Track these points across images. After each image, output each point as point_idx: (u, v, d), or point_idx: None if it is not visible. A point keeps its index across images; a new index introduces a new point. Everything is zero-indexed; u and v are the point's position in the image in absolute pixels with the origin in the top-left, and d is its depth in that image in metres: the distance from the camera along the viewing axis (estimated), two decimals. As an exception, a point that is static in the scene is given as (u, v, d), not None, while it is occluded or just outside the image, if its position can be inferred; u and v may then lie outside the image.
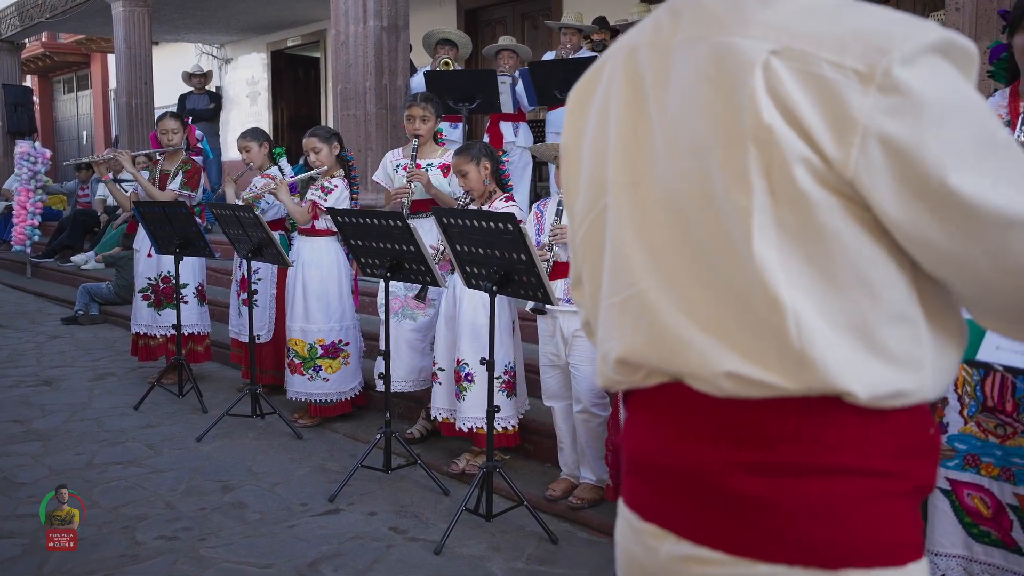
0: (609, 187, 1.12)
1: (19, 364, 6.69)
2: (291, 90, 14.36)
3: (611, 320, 1.13)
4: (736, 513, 0.99)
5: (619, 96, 1.11)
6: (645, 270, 1.07)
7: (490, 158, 4.18)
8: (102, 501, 3.99)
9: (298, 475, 4.37)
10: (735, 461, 0.99)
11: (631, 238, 1.09)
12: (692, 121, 1.00)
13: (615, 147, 1.10)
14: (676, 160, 1.03)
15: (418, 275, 4.02)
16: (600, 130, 1.14)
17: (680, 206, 1.03)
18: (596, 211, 1.16)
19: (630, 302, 1.09)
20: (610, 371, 1.14)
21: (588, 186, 1.17)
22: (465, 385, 4.16)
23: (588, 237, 1.20)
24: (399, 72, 6.93)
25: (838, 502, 0.96)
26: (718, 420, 1.01)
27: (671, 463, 1.06)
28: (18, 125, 13.55)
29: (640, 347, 1.08)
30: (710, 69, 0.98)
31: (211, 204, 5.41)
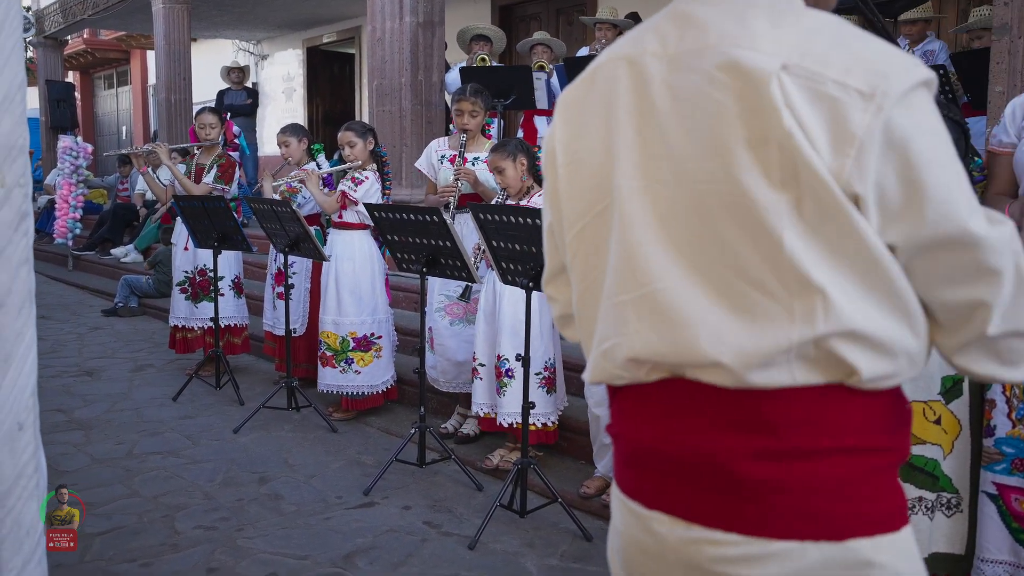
0: (615, 189, 1.17)
1: (61, 355, 6.79)
2: (326, 86, 14.43)
3: (617, 318, 1.17)
4: (748, 496, 1.07)
5: (624, 103, 1.16)
6: (665, 269, 1.12)
7: (526, 154, 4.16)
8: (142, 490, 4.03)
9: (333, 468, 4.38)
10: (744, 449, 1.07)
11: (647, 239, 1.13)
12: (709, 125, 1.07)
13: (622, 152, 1.16)
14: (695, 161, 1.09)
15: (454, 271, 4.01)
16: (602, 135, 1.19)
17: (703, 205, 1.09)
18: (595, 212, 1.21)
19: (644, 301, 1.14)
20: (614, 367, 1.19)
21: (587, 188, 1.22)
22: (505, 381, 4.14)
23: (583, 237, 1.24)
24: (434, 68, 6.93)
25: (844, 479, 1.06)
26: (725, 411, 1.08)
27: (676, 453, 1.13)
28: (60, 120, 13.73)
29: (656, 344, 1.13)
30: (722, 77, 1.06)
31: (249, 198, 5.46)
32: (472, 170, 4.67)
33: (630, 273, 1.15)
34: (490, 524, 3.58)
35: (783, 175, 1.02)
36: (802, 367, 1.05)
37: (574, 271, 1.28)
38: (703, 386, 1.10)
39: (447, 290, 4.70)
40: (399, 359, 5.35)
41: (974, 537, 2.43)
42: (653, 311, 1.13)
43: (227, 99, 11.44)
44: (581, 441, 4.30)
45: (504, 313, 4.15)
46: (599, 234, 1.21)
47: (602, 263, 1.21)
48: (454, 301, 4.67)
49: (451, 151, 4.86)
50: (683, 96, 1.10)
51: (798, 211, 1.03)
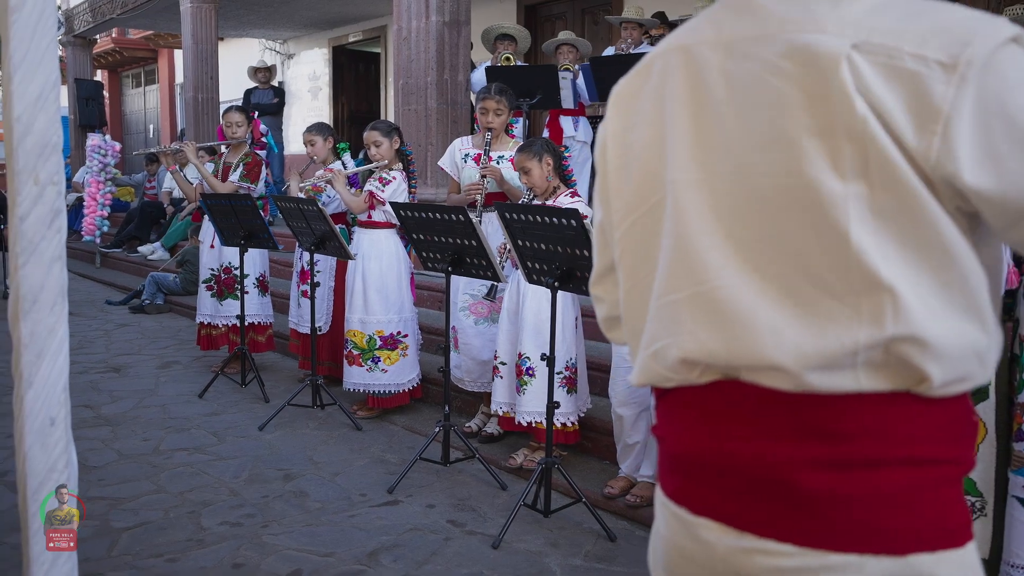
0: (669, 183, 1.12)
1: (89, 351, 6.86)
2: (352, 85, 14.50)
3: (669, 318, 1.12)
4: (805, 507, 1.02)
5: (677, 94, 1.12)
6: (723, 266, 1.07)
7: (552, 154, 4.15)
8: (169, 486, 4.07)
9: (357, 466, 4.40)
10: (804, 457, 1.02)
11: (703, 234, 1.09)
12: (770, 115, 1.02)
13: (676, 144, 1.11)
14: (754, 153, 1.04)
15: (479, 270, 4.02)
16: (654, 127, 1.15)
17: (763, 199, 1.04)
18: (647, 207, 1.17)
19: (699, 299, 1.09)
20: (664, 369, 1.14)
21: (638, 182, 1.18)
22: (526, 379, 4.15)
23: (633, 233, 1.20)
24: (460, 67, 6.94)
25: (909, 491, 1.00)
26: (783, 416, 1.04)
27: (728, 458, 1.08)
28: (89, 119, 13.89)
29: (711, 345, 1.08)
30: (786, 65, 1.01)
31: (275, 197, 5.49)
32: (498, 168, 4.68)
33: (684, 270, 1.10)
34: (514, 523, 3.58)
35: (853, 166, 0.97)
36: (868, 372, 0.99)
37: (622, 268, 1.23)
38: (760, 389, 1.05)
39: (471, 289, 4.70)
40: (423, 358, 5.36)
41: (999, 541, 2.41)
42: (709, 310, 1.08)
43: (254, 98, 11.53)
44: (605, 441, 4.29)
45: (527, 312, 4.15)
46: (650, 230, 1.16)
47: (653, 260, 1.16)
48: (479, 300, 4.68)
49: (475, 150, 4.87)
50: (741, 85, 1.06)
51: (868, 204, 0.97)
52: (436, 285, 6.20)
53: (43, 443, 1.47)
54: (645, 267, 1.18)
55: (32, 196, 1.39)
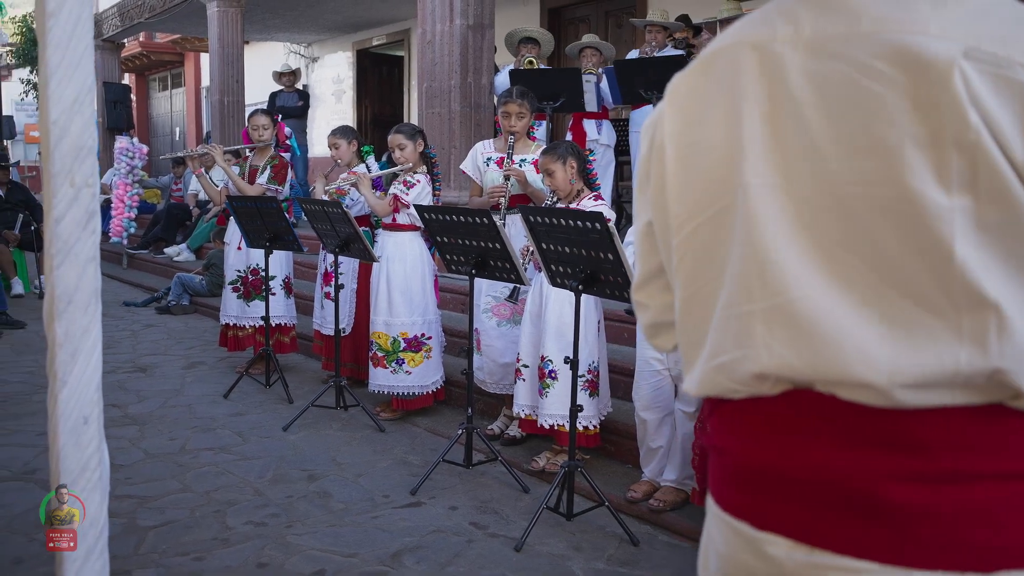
0: (739, 188, 1.06)
1: (116, 351, 6.94)
2: (375, 88, 14.56)
3: (740, 330, 1.06)
4: (888, 521, 0.97)
5: (751, 94, 1.05)
6: (804, 277, 1.01)
7: (576, 157, 4.15)
8: (194, 485, 4.10)
9: (380, 467, 4.42)
10: (886, 470, 0.97)
11: (781, 243, 1.02)
12: (865, 121, 0.96)
13: (749, 146, 1.05)
14: (844, 161, 0.98)
15: (503, 272, 4.02)
16: (723, 127, 1.08)
17: (850, 208, 0.98)
18: (712, 212, 1.10)
19: (776, 312, 1.03)
20: (733, 382, 1.08)
21: (702, 184, 1.11)
22: (548, 382, 4.15)
23: (694, 238, 1.13)
24: (484, 71, 6.96)
25: (999, 506, 0.95)
26: (865, 428, 0.99)
27: (799, 471, 1.03)
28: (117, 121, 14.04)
29: (791, 360, 1.02)
30: (883, 67, 0.95)
31: (301, 199, 5.53)
32: (521, 170, 4.68)
33: (759, 281, 1.04)
34: (536, 526, 3.58)
35: (960, 178, 0.92)
36: (965, 390, 0.95)
37: (679, 275, 1.16)
38: (838, 401, 0.99)
39: (494, 291, 4.71)
40: (446, 360, 5.37)
41: None
42: (788, 324, 1.02)
43: (279, 101, 11.60)
44: (627, 445, 4.28)
45: (550, 314, 4.15)
46: (715, 236, 1.10)
47: (718, 268, 1.10)
48: (501, 302, 4.69)
49: (497, 153, 4.88)
50: (829, 88, 0.99)
51: (973, 218, 0.92)
52: (459, 287, 6.21)
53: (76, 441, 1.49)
54: (707, 275, 1.12)
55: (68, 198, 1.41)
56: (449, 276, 5.45)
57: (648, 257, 1.26)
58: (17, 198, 9.64)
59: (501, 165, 4.78)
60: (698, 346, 1.14)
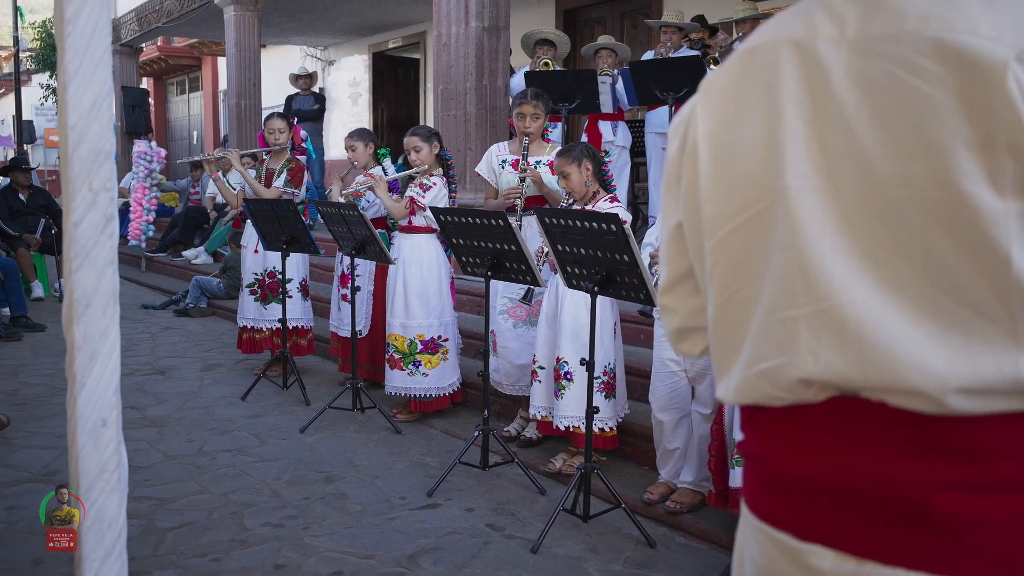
0: (779, 190, 1.03)
1: (135, 353, 6.99)
2: (391, 91, 14.60)
3: (782, 336, 1.03)
4: (939, 532, 0.95)
5: (790, 92, 1.03)
6: (849, 282, 0.98)
7: (592, 159, 4.15)
8: (212, 487, 4.12)
9: (397, 469, 4.43)
10: (939, 478, 0.95)
11: (826, 247, 1.00)
12: (914, 122, 0.94)
13: (790, 147, 1.02)
14: (891, 163, 0.96)
15: (519, 274, 4.03)
16: (762, 127, 1.05)
17: (897, 212, 0.96)
18: (750, 214, 1.07)
19: (822, 317, 1.00)
20: (776, 389, 1.05)
21: (738, 186, 1.08)
22: (564, 384, 4.14)
23: (730, 241, 1.10)
24: (499, 73, 6.96)
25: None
26: (915, 435, 0.96)
27: (843, 479, 1.01)
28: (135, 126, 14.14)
29: (838, 367, 0.99)
30: (930, 66, 0.93)
31: (317, 202, 5.55)
32: (537, 171, 4.68)
33: (802, 285, 1.01)
34: (553, 528, 3.58)
35: (1014, 182, 0.89)
36: (1022, 396, 0.93)
37: (713, 279, 1.13)
38: (887, 408, 0.97)
39: (510, 292, 4.71)
40: (462, 362, 5.38)
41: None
42: (834, 329, 0.99)
43: (295, 104, 11.66)
44: (644, 447, 4.27)
45: (566, 316, 4.15)
46: (754, 239, 1.07)
47: (756, 272, 1.07)
48: (517, 303, 4.69)
49: (512, 155, 4.88)
50: (875, 88, 0.97)
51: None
52: (474, 289, 6.22)
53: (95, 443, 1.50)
54: (744, 279, 1.09)
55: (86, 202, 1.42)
56: (465, 278, 5.46)
57: (677, 260, 1.24)
58: (39, 203, 9.72)
59: (516, 167, 4.79)
60: (734, 352, 1.11)
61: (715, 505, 3.56)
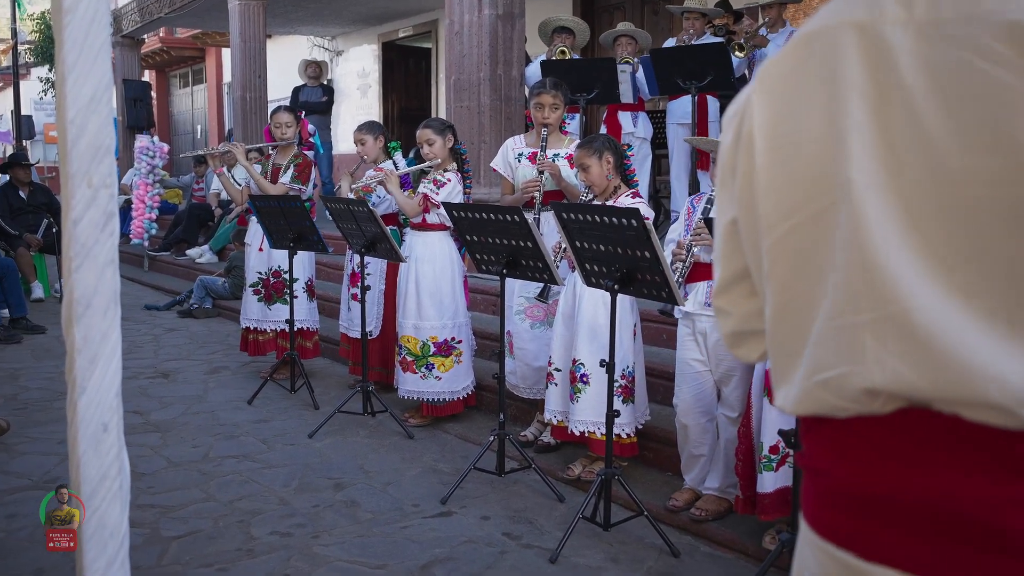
0: (845, 186, 1.00)
1: (138, 356, 7.04)
2: (402, 82, 14.62)
3: (846, 342, 1.01)
4: (1017, 554, 0.92)
5: (854, 79, 0.99)
6: (918, 285, 0.95)
7: (613, 152, 4.14)
8: (218, 494, 4.15)
9: (409, 475, 4.44)
10: (1017, 497, 0.92)
11: (892, 247, 0.97)
12: (993, 113, 0.90)
13: (853, 139, 0.99)
14: (964, 158, 0.92)
15: (535, 272, 4.02)
16: (823, 117, 1.03)
17: (972, 210, 0.92)
18: (811, 212, 1.04)
19: (889, 323, 0.97)
20: (840, 400, 1.02)
21: (799, 181, 1.05)
22: (580, 387, 4.14)
23: (789, 240, 1.07)
24: (514, 62, 6.96)
25: None
26: (991, 451, 0.93)
27: (913, 497, 0.98)
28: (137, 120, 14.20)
29: (907, 376, 0.96)
30: (1007, 52, 0.89)
31: (325, 198, 5.56)
32: (556, 164, 4.67)
33: (868, 288, 0.98)
34: (572, 537, 3.57)
35: None
36: None
37: (771, 281, 1.10)
38: (961, 421, 0.94)
39: (527, 291, 4.71)
40: (477, 364, 5.39)
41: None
42: (903, 336, 0.96)
43: (302, 96, 11.69)
44: (667, 452, 4.26)
45: (583, 316, 4.14)
46: (815, 239, 1.04)
47: (816, 274, 1.04)
48: (534, 303, 4.69)
49: (528, 148, 4.88)
50: (945, 75, 0.93)
51: None
52: (490, 288, 6.22)
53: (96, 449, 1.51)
54: (805, 281, 1.06)
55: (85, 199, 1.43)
56: (479, 276, 5.46)
57: (732, 259, 1.21)
58: (40, 200, 9.79)
59: (534, 160, 4.78)
60: (793, 359, 1.09)
61: (742, 512, 3.55)
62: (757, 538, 3.57)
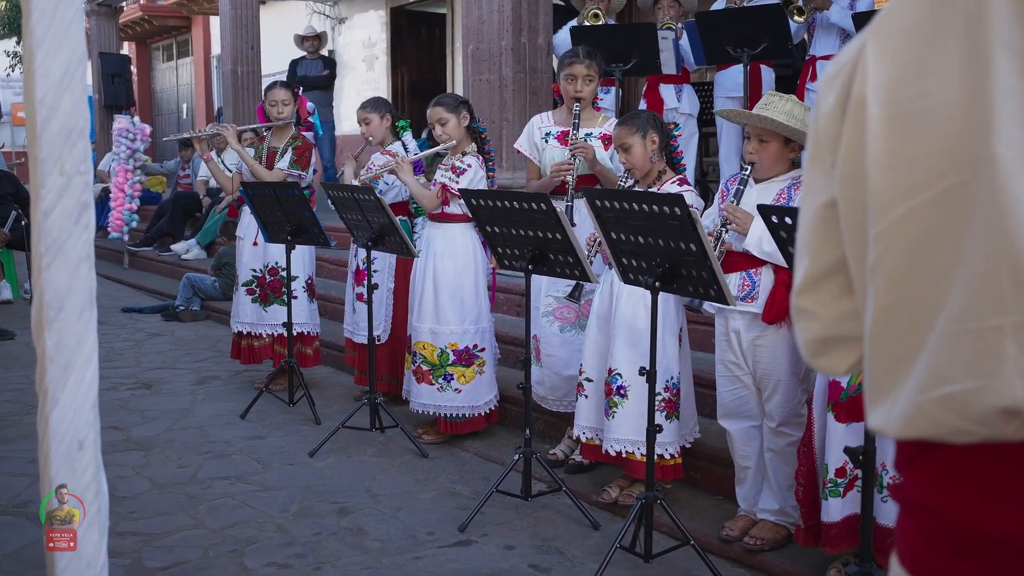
0: (986, 161, 0.95)
1: (117, 364, 7.10)
2: (413, 53, 14.64)
3: (980, 349, 0.96)
4: None
5: (1002, 35, 0.95)
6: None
7: (659, 131, 4.13)
8: (208, 521, 4.18)
9: (423, 499, 4.45)
10: None
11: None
12: None
13: (1001, 105, 0.94)
14: None
15: (564, 267, 4.02)
16: (960, 79, 0.98)
17: None
18: (938, 190, 1.00)
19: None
20: (965, 421, 0.98)
21: (927, 154, 1.01)
22: (616, 400, 4.12)
23: (906, 224, 1.02)
24: (540, 28, 6.95)
25: None
26: None
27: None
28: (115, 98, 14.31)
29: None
30: None
31: (326, 184, 5.56)
32: (590, 144, 4.66)
33: (1013, 285, 0.93)
34: (608, 568, 3.57)
35: None
36: None
37: (878, 273, 1.06)
38: None
39: (556, 290, 4.70)
40: (500, 373, 5.39)
41: None
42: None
43: (300, 70, 11.72)
44: (717, 472, 4.25)
45: (620, 318, 4.13)
46: (941, 223, 1.00)
47: (942, 267, 1.00)
48: (564, 303, 4.67)
49: (557, 127, 4.86)
50: None
51: None
52: (513, 286, 6.22)
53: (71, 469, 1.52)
54: (923, 275, 1.02)
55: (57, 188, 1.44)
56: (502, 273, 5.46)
57: (823, 248, 1.16)
58: (5, 190, 9.84)
59: (563, 141, 4.76)
60: (900, 370, 1.04)
61: (805, 543, 3.53)
62: (821, 572, 3.55)
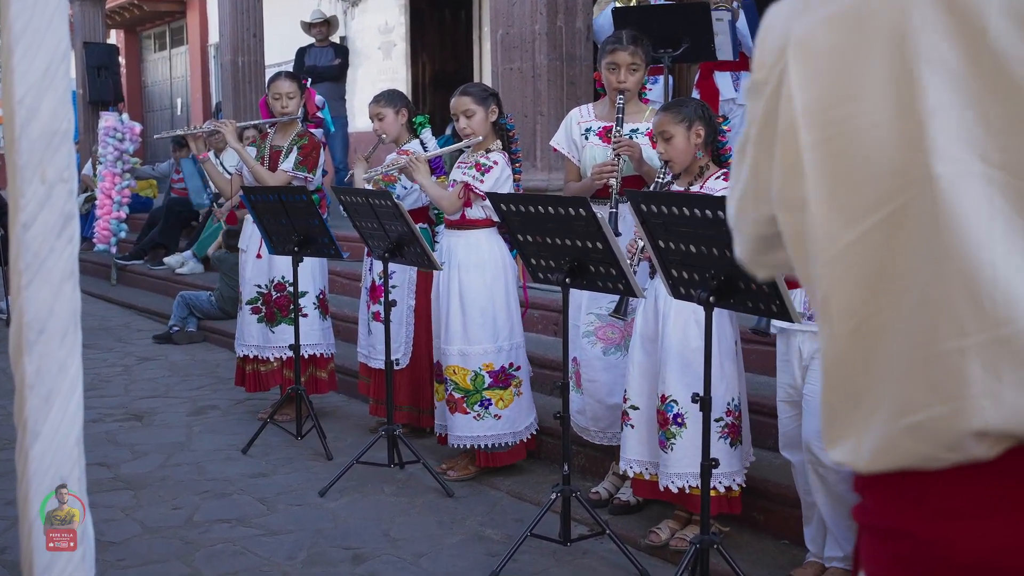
0: (927, 181, 1.02)
1: (104, 393, 7.17)
2: (435, 39, 14.68)
3: (946, 373, 1.03)
4: None
5: (927, 47, 1.02)
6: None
7: (706, 123, 4.14)
8: (205, 569, 4.21)
9: (448, 544, 4.46)
10: None
11: (999, 253, 0.99)
12: None
13: (935, 123, 1.01)
14: None
15: (607, 281, 4.02)
16: (889, 97, 1.05)
17: None
18: (883, 215, 1.06)
19: (1001, 346, 1.00)
20: (936, 448, 1.04)
21: (864, 180, 1.08)
22: (673, 430, 4.10)
23: (854, 254, 1.10)
24: (578, 10, 6.96)
25: None
26: None
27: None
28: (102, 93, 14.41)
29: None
30: None
31: (337, 188, 5.57)
32: (637, 143, 4.67)
33: (970, 305, 1.00)
34: (658, 624, 3.57)
35: None
36: None
37: (832, 304, 1.13)
38: None
39: (597, 307, 4.69)
40: (536, 401, 5.38)
41: None
42: (1021, 362, 0.99)
43: (308, 59, 11.77)
44: (782, 512, 4.23)
45: (670, 337, 4.12)
46: (890, 249, 1.07)
47: (898, 291, 1.06)
48: (608, 322, 4.66)
49: (598, 122, 4.86)
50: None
51: None
52: (550, 302, 6.22)
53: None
54: (879, 301, 1.09)
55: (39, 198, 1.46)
56: (535, 287, 5.46)
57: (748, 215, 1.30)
58: (-20, 200, 9.98)
59: (606, 138, 4.76)
60: (862, 400, 1.10)
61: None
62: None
